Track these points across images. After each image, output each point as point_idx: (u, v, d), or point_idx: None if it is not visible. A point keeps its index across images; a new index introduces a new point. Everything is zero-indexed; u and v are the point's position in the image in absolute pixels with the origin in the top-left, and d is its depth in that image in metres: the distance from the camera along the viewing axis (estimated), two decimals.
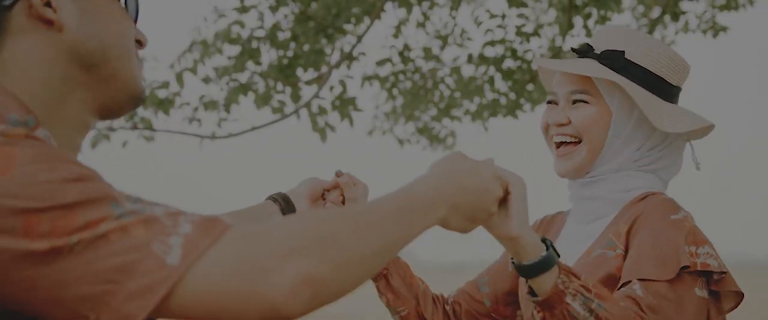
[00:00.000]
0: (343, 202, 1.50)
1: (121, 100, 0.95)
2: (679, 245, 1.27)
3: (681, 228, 1.30)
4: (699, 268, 1.25)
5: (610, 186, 1.42)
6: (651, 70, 1.41)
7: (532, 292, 1.16)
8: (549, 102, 1.47)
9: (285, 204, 1.44)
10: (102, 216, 0.75)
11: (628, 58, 1.41)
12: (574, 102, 1.43)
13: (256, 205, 1.42)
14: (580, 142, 1.42)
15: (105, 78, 0.93)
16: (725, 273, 1.28)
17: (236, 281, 0.75)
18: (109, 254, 0.73)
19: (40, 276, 0.74)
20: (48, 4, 0.90)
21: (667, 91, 1.43)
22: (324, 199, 1.51)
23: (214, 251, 0.76)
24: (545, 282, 1.12)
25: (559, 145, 1.45)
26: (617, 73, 1.40)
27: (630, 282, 1.25)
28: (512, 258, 1.14)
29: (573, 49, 1.47)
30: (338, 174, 1.51)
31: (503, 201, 1.08)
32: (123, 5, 0.98)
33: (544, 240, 1.13)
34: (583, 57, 1.45)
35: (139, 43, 0.99)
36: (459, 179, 0.98)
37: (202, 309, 0.75)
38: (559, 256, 1.14)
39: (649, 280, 1.23)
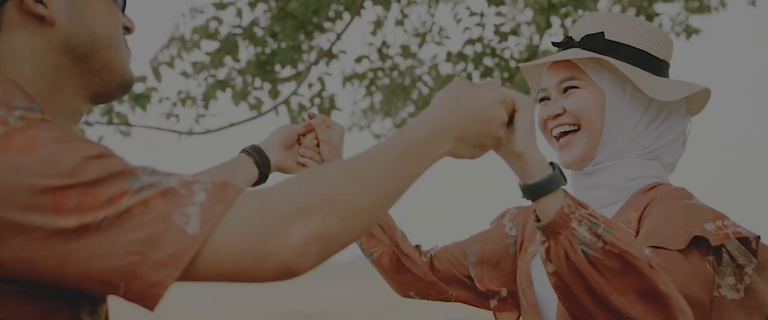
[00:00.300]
0: (318, 145, 1.51)
1: (112, 88, 0.99)
2: (691, 223, 1.25)
3: (697, 211, 1.28)
4: (731, 237, 1.24)
5: (615, 174, 1.40)
6: (634, 45, 1.40)
7: (537, 219, 1.13)
8: (541, 99, 1.46)
9: (258, 156, 1.46)
10: (123, 191, 0.78)
11: (609, 38, 1.40)
12: (565, 90, 1.42)
13: (230, 160, 1.45)
14: (579, 129, 1.41)
15: (96, 68, 0.96)
16: (759, 236, 1.27)
17: (249, 243, 0.79)
18: (133, 228, 0.77)
19: (70, 252, 0.77)
20: (39, 0, 0.92)
21: (656, 66, 1.41)
22: (299, 144, 1.51)
23: (228, 216, 0.80)
24: (551, 205, 1.09)
25: (558, 137, 1.43)
26: (601, 54, 1.39)
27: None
28: (519, 182, 1.11)
29: (553, 43, 1.46)
30: (311, 116, 1.51)
31: (510, 121, 1.08)
32: None
33: (551, 164, 1.10)
34: (564, 48, 1.44)
35: (127, 30, 1.03)
36: (462, 109, 0.99)
37: (220, 272, 0.79)
38: (566, 181, 1.10)
39: (660, 248, 1.21)
